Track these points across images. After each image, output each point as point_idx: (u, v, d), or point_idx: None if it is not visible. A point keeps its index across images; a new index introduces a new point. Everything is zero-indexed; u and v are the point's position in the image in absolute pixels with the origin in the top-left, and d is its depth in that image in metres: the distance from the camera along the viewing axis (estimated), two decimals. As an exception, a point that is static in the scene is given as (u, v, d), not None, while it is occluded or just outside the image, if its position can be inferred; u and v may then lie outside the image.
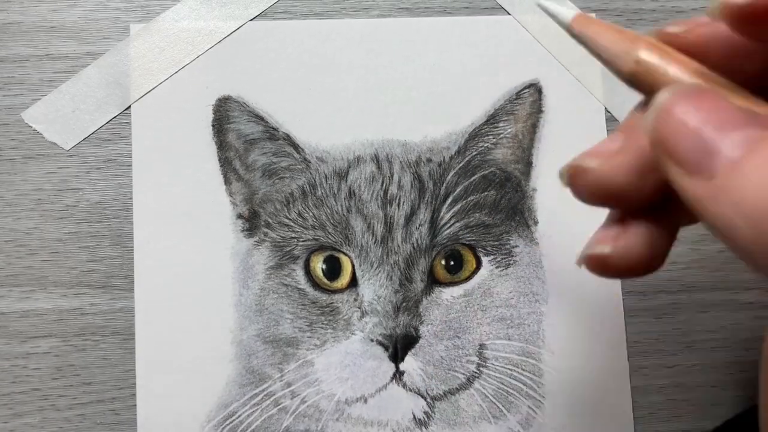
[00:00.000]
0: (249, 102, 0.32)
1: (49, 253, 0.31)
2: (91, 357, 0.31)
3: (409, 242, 0.31)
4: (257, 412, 0.30)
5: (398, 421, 0.30)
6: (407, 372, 0.30)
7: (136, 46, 0.33)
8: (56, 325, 0.31)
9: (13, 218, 0.31)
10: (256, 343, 0.31)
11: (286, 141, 0.32)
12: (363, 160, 0.32)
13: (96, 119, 0.32)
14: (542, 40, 0.33)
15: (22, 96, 0.32)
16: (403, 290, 0.30)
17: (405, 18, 0.33)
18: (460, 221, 0.31)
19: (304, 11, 0.33)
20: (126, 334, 0.31)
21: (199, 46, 0.33)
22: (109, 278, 0.31)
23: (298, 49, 0.33)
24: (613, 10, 0.34)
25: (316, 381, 0.30)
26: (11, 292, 0.31)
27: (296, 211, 0.31)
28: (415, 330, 0.30)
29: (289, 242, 0.31)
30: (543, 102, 0.33)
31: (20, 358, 0.31)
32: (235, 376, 0.30)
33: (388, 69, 0.33)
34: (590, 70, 0.33)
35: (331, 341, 0.30)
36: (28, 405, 0.30)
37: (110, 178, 0.32)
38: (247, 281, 0.31)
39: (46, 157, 0.32)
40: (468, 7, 0.34)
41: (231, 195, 0.32)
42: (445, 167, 0.32)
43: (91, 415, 0.30)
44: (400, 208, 0.31)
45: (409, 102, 0.32)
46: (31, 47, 0.33)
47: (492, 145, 0.32)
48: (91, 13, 0.33)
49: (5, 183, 0.32)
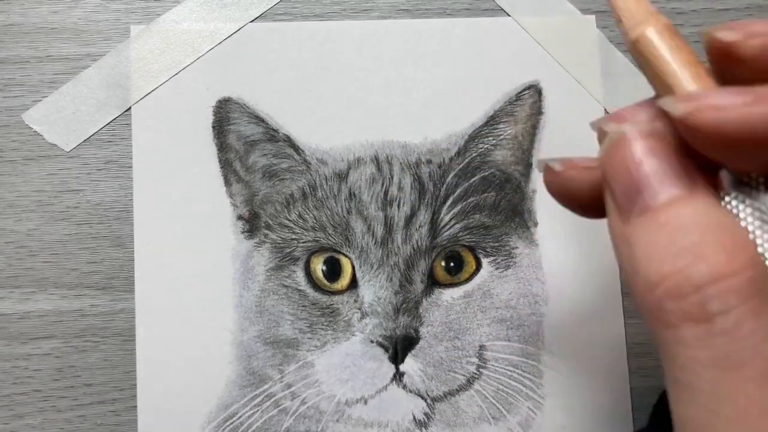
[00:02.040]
0: (249, 103, 0.32)
1: (49, 254, 0.31)
2: (92, 358, 0.31)
3: (409, 243, 0.31)
4: (258, 413, 0.30)
5: (398, 422, 0.30)
6: (407, 373, 0.30)
7: (137, 48, 0.33)
8: (57, 327, 0.31)
9: (13, 219, 0.31)
10: (257, 345, 0.31)
11: (286, 142, 0.32)
12: (363, 162, 0.32)
13: (96, 121, 0.32)
14: (542, 42, 0.33)
15: (23, 97, 0.32)
16: (403, 291, 0.30)
17: (405, 19, 0.33)
18: (460, 222, 0.31)
19: (304, 13, 0.33)
20: (126, 335, 0.31)
21: (200, 48, 0.33)
22: (109, 279, 0.31)
23: (299, 50, 0.33)
24: (613, 12, 0.34)
25: (316, 382, 0.30)
26: (12, 294, 0.31)
27: (296, 212, 0.31)
28: (415, 331, 0.30)
29: (290, 244, 0.31)
30: (543, 103, 0.33)
31: (21, 360, 0.31)
32: (236, 377, 0.30)
33: (388, 70, 0.33)
34: (590, 72, 0.33)
35: (332, 342, 0.30)
36: (28, 406, 0.30)
37: (111, 179, 0.32)
38: (248, 282, 0.31)
39: (47, 159, 0.32)
40: (468, 8, 0.34)
41: (231, 196, 0.32)
42: (445, 168, 0.32)
43: (92, 416, 0.30)
44: (400, 210, 0.31)
45: (409, 103, 0.33)
46: (32, 49, 0.33)
47: (492, 146, 0.32)
48: (91, 15, 0.33)
49: (6, 184, 0.32)
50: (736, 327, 0.15)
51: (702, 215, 0.16)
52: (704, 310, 0.15)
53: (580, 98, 0.33)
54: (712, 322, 0.15)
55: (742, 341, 0.15)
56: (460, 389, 0.30)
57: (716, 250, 0.16)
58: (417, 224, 0.31)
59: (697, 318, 0.16)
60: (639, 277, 0.16)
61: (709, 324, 0.15)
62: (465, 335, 0.31)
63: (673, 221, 0.16)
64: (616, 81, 0.33)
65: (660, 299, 0.16)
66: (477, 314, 0.31)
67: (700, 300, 0.16)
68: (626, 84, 0.33)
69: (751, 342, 0.15)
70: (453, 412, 0.30)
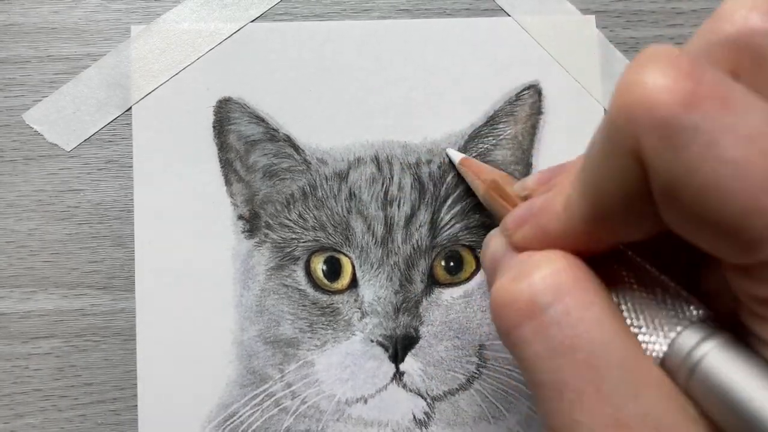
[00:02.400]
0: (250, 103, 0.32)
1: (50, 254, 0.31)
2: (93, 358, 0.31)
3: (409, 243, 0.31)
4: (258, 412, 0.30)
5: (398, 421, 0.30)
6: (407, 372, 0.30)
7: (137, 48, 0.33)
8: (57, 326, 0.31)
9: (14, 219, 0.31)
10: (257, 344, 0.31)
11: (286, 142, 0.32)
12: (363, 162, 0.32)
13: (97, 120, 0.32)
14: (542, 42, 0.33)
15: (23, 97, 0.32)
16: (403, 291, 0.31)
17: (405, 19, 0.33)
18: (460, 222, 0.31)
19: (304, 13, 0.33)
20: (127, 334, 0.31)
21: (200, 48, 0.33)
22: (110, 279, 0.31)
23: (299, 50, 0.33)
24: (613, 12, 0.34)
25: (316, 381, 0.30)
26: (12, 293, 0.31)
27: (297, 212, 0.31)
28: (415, 331, 0.30)
29: (290, 243, 0.31)
30: (543, 103, 0.33)
31: (21, 359, 0.31)
32: (236, 377, 0.31)
33: (388, 70, 0.33)
34: (590, 72, 0.33)
35: (332, 342, 0.30)
36: (29, 405, 0.30)
37: (111, 179, 0.32)
38: (248, 282, 0.31)
39: (48, 159, 0.32)
40: (468, 8, 0.34)
41: (232, 196, 0.32)
42: (445, 168, 0.32)
43: (93, 416, 0.30)
44: (400, 210, 0.31)
45: (409, 103, 0.33)
46: (32, 49, 0.33)
47: (492, 146, 0.32)
48: (91, 15, 0.33)
49: (6, 184, 0.32)
50: (565, 315, 0.17)
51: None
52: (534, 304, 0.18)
53: (580, 98, 0.33)
54: (543, 314, 0.18)
55: (570, 328, 0.17)
56: (460, 388, 0.30)
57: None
58: (417, 224, 0.31)
59: (529, 314, 0.18)
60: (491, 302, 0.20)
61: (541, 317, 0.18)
62: (465, 335, 0.31)
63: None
64: (615, 81, 0.33)
65: (497, 308, 0.19)
66: (477, 314, 0.31)
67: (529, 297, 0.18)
68: (626, 84, 0.33)
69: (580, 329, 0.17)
70: (453, 412, 0.30)
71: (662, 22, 0.34)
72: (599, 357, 0.17)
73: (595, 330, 0.17)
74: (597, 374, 0.16)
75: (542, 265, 0.18)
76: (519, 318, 0.18)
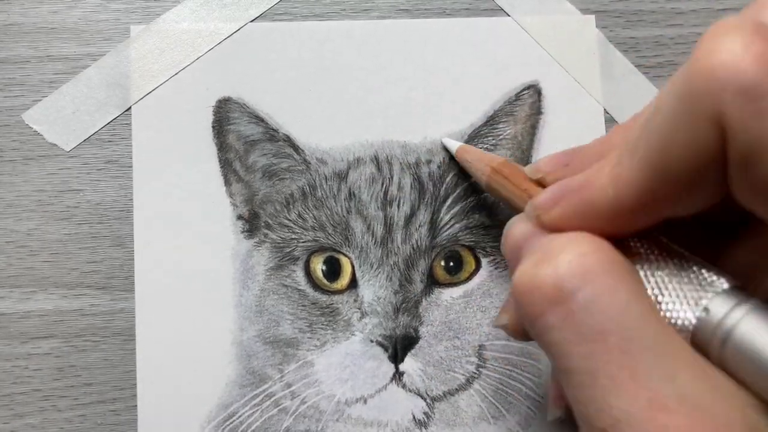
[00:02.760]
0: (249, 103, 0.32)
1: (49, 254, 0.31)
2: (92, 358, 0.31)
3: (408, 243, 0.31)
4: (257, 412, 0.30)
5: (398, 421, 0.30)
6: (407, 373, 0.30)
7: (137, 48, 0.33)
8: (57, 326, 0.31)
9: (14, 219, 0.31)
10: (257, 344, 0.31)
11: (286, 142, 0.32)
12: (363, 162, 0.32)
13: (96, 120, 0.32)
14: (542, 42, 0.33)
15: (23, 97, 0.32)
16: (402, 291, 0.31)
17: (404, 19, 0.33)
18: (460, 222, 0.31)
19: (304, 12, 0.33)
20: (126, 335, 0.31)
21: (200, 48, 0.33)
22: (109, 279, 0.31)
23: (298, 50, 0.33)
24: (613, 12, 0.34)
25: (316, 382, 0.30)
26: (12, 293, 0.31)
27: (296, 212, 0.31)
28: (414, 331, 0.30)
29: (289, 243, 0.31)
30: (542, 103, 0.33)
31: (21, 359, 0.31)
32: (236, 377, 0.31)
33: (387, 70, 0.33)
34: (590, 72, 0.33)
35: (331, 342, 0.30)
36: (29, 406, 0.30)
37: (111, 179, 0.32)
38: (248, 282, 0.31)
39: (47, 159, 0.32)
40: (467, 8, 0.34)
41: (231, 196, 0.32)
42: (445, 168, 0.32)
43: (92, 416, 0.30)
44: (400, 209, 0.31)
45: (408, 103, 0.33)
46: (32, 48, 0.33)
47: (491, 146, 0.32)
48: (91, 15, 0.33)
49: (6, 184, 0.32)
50: (593, 300, 0.17)
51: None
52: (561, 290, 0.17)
53: (580, 98, 0.33)
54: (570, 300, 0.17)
55: (600, 314, 0.17)
56: (459, 389, 0.30)
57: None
58: (417, 224, 0.31)
59: (556, 299, 0.17)
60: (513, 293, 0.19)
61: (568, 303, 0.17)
62: (465, 335, 0.31)
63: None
64: (615, 81, 0.33)
65: (520, 295, 0.19)
66: (477, 314, 0.31)
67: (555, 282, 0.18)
68: (626, 84, 0.33)
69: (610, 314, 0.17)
70: (453, 412, 0.30)
71: (662, 22, 0.34)
72: (632, 341, 0.16)
73: (626, 314, 0.17)
74: (631, 358, 0.16)
75: (567, 248, 0.18)
76: (545, 304, 0.17)
